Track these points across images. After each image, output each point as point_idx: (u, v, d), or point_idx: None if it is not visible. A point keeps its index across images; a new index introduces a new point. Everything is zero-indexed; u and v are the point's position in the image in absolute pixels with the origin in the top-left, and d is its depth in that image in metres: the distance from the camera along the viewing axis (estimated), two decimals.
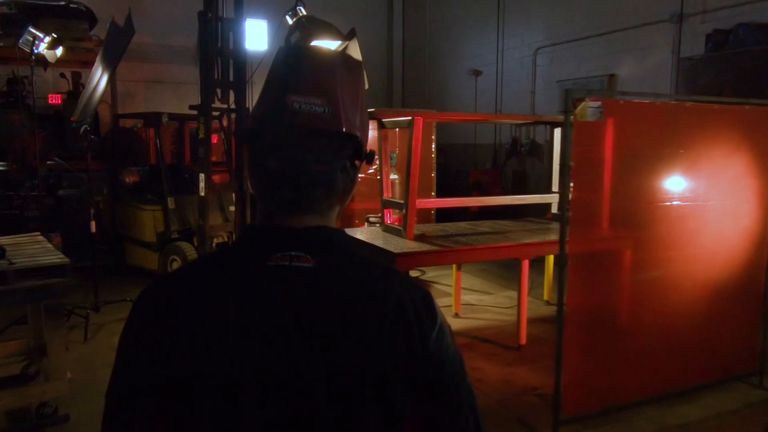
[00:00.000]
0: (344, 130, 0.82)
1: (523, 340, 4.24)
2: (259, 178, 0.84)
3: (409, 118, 4.04)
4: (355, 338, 0.78)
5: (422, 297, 0.84)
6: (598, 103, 2.84)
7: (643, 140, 3.05)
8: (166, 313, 0.78)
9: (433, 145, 6.73)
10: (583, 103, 2.81)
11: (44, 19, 6.69)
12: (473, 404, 0.85)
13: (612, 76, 7.50)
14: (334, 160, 0.83)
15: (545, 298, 5.41)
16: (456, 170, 9.85)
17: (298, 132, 0.80)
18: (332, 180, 0.83)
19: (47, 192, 7.28)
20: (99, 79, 4.18)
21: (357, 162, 0.86)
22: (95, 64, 4.21)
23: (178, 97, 7.97)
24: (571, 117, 2.78)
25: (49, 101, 8.46)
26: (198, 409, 0.75)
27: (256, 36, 7.59)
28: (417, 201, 4.13)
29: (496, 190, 9.23)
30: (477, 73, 9.93)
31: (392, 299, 0.81)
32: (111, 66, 4.22)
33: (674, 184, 3.11)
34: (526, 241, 4.20)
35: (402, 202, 4.21)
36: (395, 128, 4.95)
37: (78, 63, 7.49)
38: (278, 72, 0.84)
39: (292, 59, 0.85)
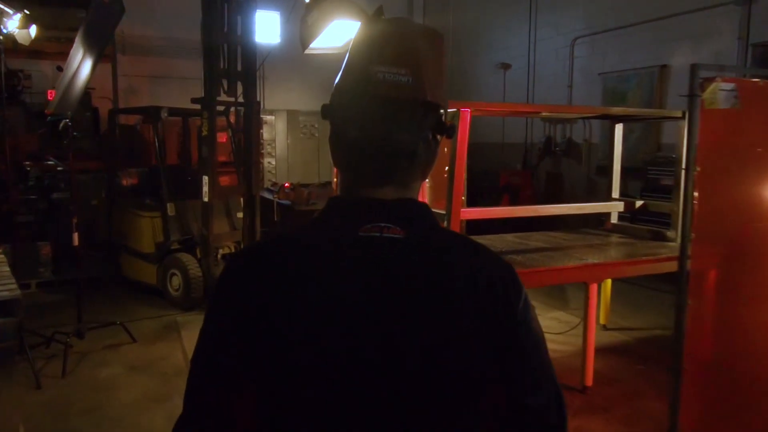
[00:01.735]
0: (428, 99, 0.81)
1: (590, 381, 3.49)
2: (342, 150, 0.85)
3: (454, 109, 3.30)
4: (444, 309, 0.78)
5: (509, 271, 0.85)
6: (732, 85, 2.09)
7: None
8: (260, 279, 0.79)
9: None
10: (714, 85, 2.06)
11: (37, 6, 6.03)
12: (554, 379, 0.85)
13: (664, 66, 6.70)
14: (417, 130, 0.82)
15: (602, 322, 4.65)
16: (481, 171, 9.05)
17: (382, 102, 0.80)
18: (415, 150, 0.82)
19: (41, 195, 6.68)
20: (80, 64, 3.50)
21: (438, 135, 0.85)
22: (74, 46, 3.53)
23: (185, 93, 7.32)
24: (699, 103, 2.04)
25: (49, 97, 7.92)
26: (287, 374, 0.76)
27: (268, 28, 6.91)
28: (462, 210, 3.40)
29: (527, 194, 8.48)
30: (505, 66, 9.15)
31: (480, 272, 0.82)
32: (95, 48, 3.54)
33: None
34: (595, 260, 3.43)
35: (443, 212, 3.47)
36: None
37: None
38: (361, 44, 0.84)
39: (375, 32, 0.85)
